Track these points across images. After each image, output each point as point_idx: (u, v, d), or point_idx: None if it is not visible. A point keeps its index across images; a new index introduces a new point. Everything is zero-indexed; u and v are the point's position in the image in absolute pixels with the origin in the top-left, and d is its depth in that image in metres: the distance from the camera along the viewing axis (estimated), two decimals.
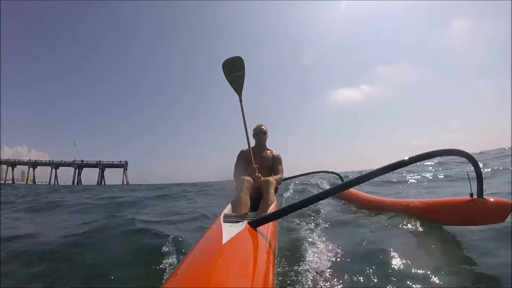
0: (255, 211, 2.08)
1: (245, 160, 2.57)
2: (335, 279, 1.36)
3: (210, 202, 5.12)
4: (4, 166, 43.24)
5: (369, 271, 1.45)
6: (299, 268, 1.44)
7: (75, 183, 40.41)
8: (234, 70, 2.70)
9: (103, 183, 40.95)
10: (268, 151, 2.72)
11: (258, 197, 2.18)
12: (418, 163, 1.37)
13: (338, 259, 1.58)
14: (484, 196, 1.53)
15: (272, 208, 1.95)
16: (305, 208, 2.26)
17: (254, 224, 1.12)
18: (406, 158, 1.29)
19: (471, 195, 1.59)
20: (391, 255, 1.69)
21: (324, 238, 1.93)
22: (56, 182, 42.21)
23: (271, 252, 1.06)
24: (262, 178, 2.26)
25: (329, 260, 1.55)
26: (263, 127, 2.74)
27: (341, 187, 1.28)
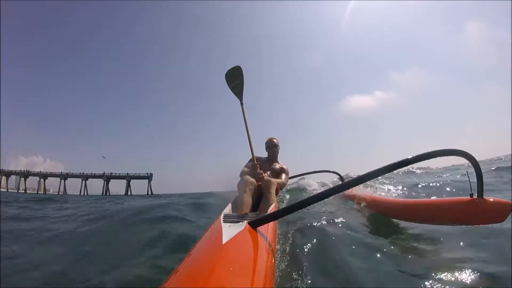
0: (255, 211, 2.08)
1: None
2: (335, 279, 1.36)
3: None
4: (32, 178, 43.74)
5: (369, 270, 1.45)
6: (299, 268, 1.44)
7: (104, 193, 41.80)
8: (235, 78, 2.99)
9: (129, 193, 42.43)
10: (278, 164, 2.79)
11: (259, 197, 2.18)
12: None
13: (338, 258, 1.58)
14: (484, 196, 1.53)
15: (272, 208, 1.96)
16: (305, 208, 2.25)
17: (254, 224, 1.11)
18: (406, 158, 1.29)
19: (471, 195, 1.59)
20: (391, 255, 1.69)
21: (324, 238, 1.94)
22: (86, 192, 43.09)
23: (271, 252, 1.06)
24: (264, 176, 2.27)
25: (329, 259, 1.55)
26: (274, 140, 2.84)
27: (341, 187, 1.28)
